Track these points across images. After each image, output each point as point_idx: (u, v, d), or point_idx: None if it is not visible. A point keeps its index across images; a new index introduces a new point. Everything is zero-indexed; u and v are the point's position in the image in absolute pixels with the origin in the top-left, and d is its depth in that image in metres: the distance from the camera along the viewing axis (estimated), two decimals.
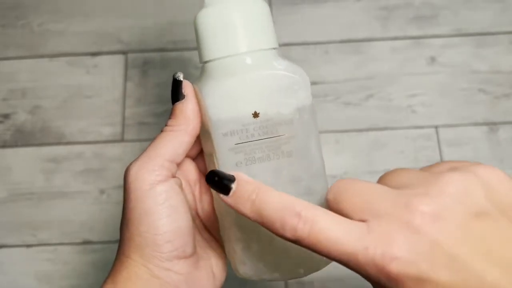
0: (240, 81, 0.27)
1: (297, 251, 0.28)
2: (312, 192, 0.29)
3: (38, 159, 0.54)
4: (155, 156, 0.28)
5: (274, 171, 0.28)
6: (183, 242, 0.27)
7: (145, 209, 0.27)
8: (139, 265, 0.27)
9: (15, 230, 0.52)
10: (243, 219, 0.28)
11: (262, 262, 0.29)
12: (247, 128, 0.28)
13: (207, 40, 0.28)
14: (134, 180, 0.27)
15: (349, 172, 0.52)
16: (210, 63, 0.28)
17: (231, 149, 0.28)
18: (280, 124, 0.28)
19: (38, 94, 0.56)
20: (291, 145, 0.28)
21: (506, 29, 0.55)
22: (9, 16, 0.58)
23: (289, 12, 0.57)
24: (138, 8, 0.58)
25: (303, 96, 0.28)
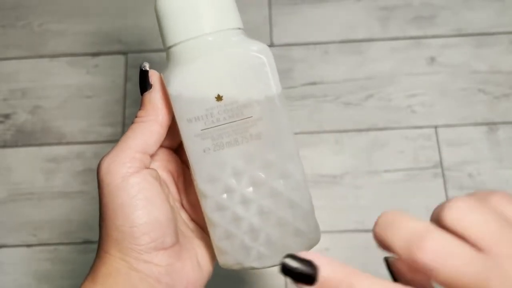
0: (201, 64, 0.26)
1: (279, 236, 0.28)
2: (285, 176, 0.27)
3: (38, 159, 0.54)
4: (126, 148, 0.27)
5: (244, 156, 0.27)
6: (161, 233, 0.27)
7: (119, 203, 0.26)
8: (118, 260, 0.26)
9: (15, 230, 0.52)
10: (220, 203, 0.27)
11: (242, 250, 0.28)
12: (211, 113, 0.26)
13: (168, 24, 0.27)
14: (105, 174, 0.27)
15: (349, 172, 0.52)
16: (173, 48, 0.27)
17: (197, 135, 0.27)
18: (245, 106, 0.26)
19: (38, 94, 0.56)
20: (259, 127, 0.27)
21: (506, 29, 0.55)
22: (9, 17, 0.58)
23: (289, 12, 0.57)
24: (138, 8, 0.58)
25: (268, 76, 0.26)
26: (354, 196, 0.51)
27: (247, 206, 0.28)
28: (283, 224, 0.28)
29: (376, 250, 0.29)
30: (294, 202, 0.28)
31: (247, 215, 0.28)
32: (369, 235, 0.55)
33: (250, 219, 0.28)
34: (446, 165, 0.52)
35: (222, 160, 0.27)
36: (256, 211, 0.28)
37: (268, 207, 0.28)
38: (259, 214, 0.28)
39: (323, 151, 0.53)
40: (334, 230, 0.50)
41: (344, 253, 0.49)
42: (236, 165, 0.27)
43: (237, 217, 0.28)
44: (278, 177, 0.27)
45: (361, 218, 0.50)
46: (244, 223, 0.28)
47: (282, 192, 0.27)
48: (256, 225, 0.28)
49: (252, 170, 0.27)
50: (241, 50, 0.27)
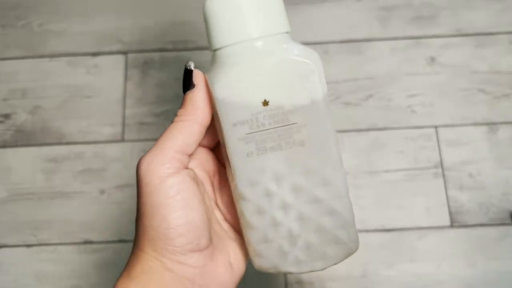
0: (248, 68, 0.26)
1: (318, 243, 0.28)
2: (327, 183, 0.27)
3: (38, 159, 0.54)
4: (165, 148, 0.27)
5: (287, 161, 0.27)
6: (197, 235, 0.27)
7: (156, 203, 0.26)
8: (153, 259, 0.26)
9: (15, 230, 0.52)
10: (259, 207, 0.28)
11: (279, 255, 0.28)
12: (257, 117, 0.27)
13: (216, 27, 0.27)
14: (145, 174, 0.27)
15: (349, 172, 0.52)
16: (219, 51, 0.27)
17: (241, 139, 0.27)
18: (291, 112, 0.27)
19: (38, 94, 0.56)
20: (303, 133, 0.27)
21: (506, 29, 0.55)
22: (9, 16, 0.58)
23: (289, 12, 0.56)
24: (138, 8, 0.58)
25: (316, 83, 0.27)
26: (354, 196, 0.51)
27: (286, 211, 0.28)
28: (322, 231, 0.28)
29: (376, 250, 0.29)
30: (334, 210, 0.28)
31: (286, 220, 0.28)
32: (370, 235, 0.55)
33: (289, 224, 0.28)
34: (446, 165, 0.52)
35: (264, 165, 0.27)
36: (295, 217, 0.28)
37: (308, 213, 0.28)
38: (298, 220, 0.28)
39: None
40: None
41: None
42: (278, 170, 0.27)
43: (276, 221, 0.28)
44: (319, 184, 0.27)
45: (362, 218, 0.50)
46: (283, 228, 0.28)
47: (323, 199, 0.28)
48: (294, 230, 0.28)
49: (294, 176, 0.27)
50: (289, 56, 0.27)
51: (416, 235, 0.50)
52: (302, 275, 0.50)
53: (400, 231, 0.50)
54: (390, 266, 0.49)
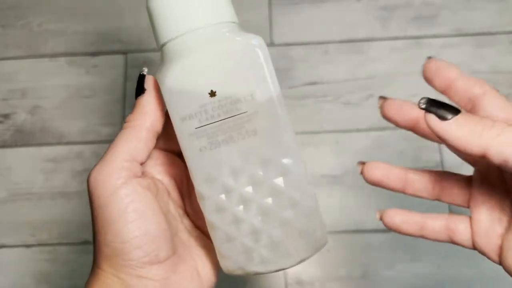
0: (191, 59, 0.25)
1: (283, 238, 0.27)
2: (285, 172, 0.26)
3: (38, 159, 0.54)
4: (112, 158, 0.26)
5: (241, 153, 0.26)
6: (154, 246, 0.25)
7: (108, 218, 0.25)
8: (111, 276, 0.25)
9: (15, 230, 0.52)
10: (219, 205, 0.26)
11: (244, 254, 0.27)
12: (205, 109, 0.25)
13: (159, 22, 0.26)
14: (94, 187, 0.26)
15: (349, 172, 0.51)
16: (165, 46, 0.26)
17: (192, 134, 0.26)
18: (239, 100, 0.25)
19: (38, 94, 0.56)
20: (254, 122, 0.25)
21: (506, 29, 0.55)
22: (9, 16, 0.58)
23: (289, 12, 0.57)
24: (138, 7, 0.58)
25: (263, 68, 0.25)
26: (354, 196, 0.51)
27: (247, 207, 0.26)
28: (285, 225, 0.27)
29: (377, 251, 0.29)
30: (296, 201, 0.26)
31: (247, 216, 0.26)
32: (370, 235, 0.55)
33: (250, 220, 0.26)
34: (447, 165, 0.51)
35: (218, 159, 0.26)
36: (256, 212, 0.26)
37: (269, 207, 0.26)
38: (259, 215, 0.26)
39: (323, 151, 0.53)
40: (335, 231, 0.50)
41: (345, 254, 0.49)
42: (233, 163, 0.26)
43: (237, 218, 0.26)
44: (277, 174, 0.26)
45: (362, 218, 0.50)
46: (245, 224, 0.26)
47: (283, 190, 0.26)
48: (257, 226, 0.26)
49: (250, 168, 0.26)
50: (232, 42, 0.25)
51: None
52: (302, 275, 0.49)
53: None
54: (390, 267, 0.49)
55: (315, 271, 0.50)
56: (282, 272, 0.50)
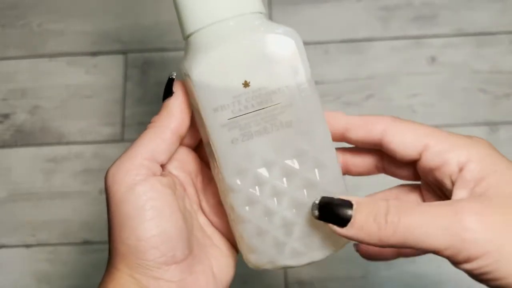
0: (224, 50, 0.25)
1: (315, 230, 0.26)
2: (320, 165, 0.26)
3: (38, 159, 0.54)
4: (134, 155, 0.25)
5: (275, 145, 0.25)
6: (171, 246, 0.25)
7: (124, 214, 0.24)
8: (126, 276, 0.25)
9: (15, 230, 0.52)
10: (250, 197, 0.26)
11: (275, 247, 0.26)
12: (238, 100, 0.25)
13: (186, 12, 0.25)
14: (112, 183, 0.25)
15: None
16: (192, 37, 0.26)
17: (223, 125, 0.25)
18: (273, 92, 0.25)
19: (38, 94, 0.56)
20: (289, 114, 0.25)
21: (506, 29, 0.55)
22: (8, 16, 0.58)
23: (289, 12, 0.57)
24: (138, 8, 0.58)
25: (297, 60, 0.25)
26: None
27: (279, 199, 0.26)
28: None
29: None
30: (330, 193, 0.25)
31: (279, 209, 0.26)
32: None
33: (283, 212, 0.26)
34: None
35: (251, 151, 0.25)
36: (289, 204, 0.26)
37: (302, 199, 0.26)
38: (292, 208, 0.26)
39: None
40: None
41: (345, 254, 0.49)
42: (267, 155, 0.25)
43: (269, 211, 0.26)
44: (311, 167, 0.26)
45: None
46: (277, 217, 0.26)
47: (317, 183, 0.26)
48: (289, 219, 0.26)
49: (284, 160, 0.25)
50: (267, 33, 0.25)
51: None
52: (302, 275, 0.49)
53: None
54: (390, 267, 0.49)
55: (315, 271, 0.49)
56: (282, 272, 0.50)
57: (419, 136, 0.25)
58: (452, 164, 0.24)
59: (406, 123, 0.26)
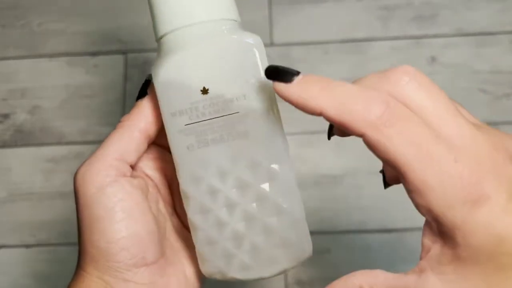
0: (188, 54, 0.24)
1: (265, 245, 0.25)
2: (273, 178, 0.25)
3: (38, 159, 0.54)
4: (103, 155, 0.25)
5: (230, 154, 0.25)
6: (142, 248, 0.25)
7: (94, 216, 0.24)
8: (96, 279, 0.24)
9: (14, 230, 0.52)
10: (203, 205, 0.25)
11: (224, 258, 0.26)
12: (196, 107, 0.25)
13: (158, 14, 0.25)
14: (80, 184, 0.25)
15: (350, 172, 0.51)
16: (162, 39, 0.25)
17: (180, 130, 0.25)
18: (231, 100, 0.24)
19: (38, 94, 0.56)
20: (246, 124, 0.25)
21: (506, 29, 0.55)
22: (8, 16, 0.58)
23: (289, 12, 0.57)
24: (138, 7, 0.58)
25: (258, 69, 0.24)
26: (355, 197, 0.51)
27: (231, 210, 0.25)
28: (269, 232, 0.25)
29: (377, 251, 0.29)
30: (282, 208, 0.25)
31: (231, 220, 0.25)
32: (371, 235, 0.55)
33: (234, 224, 0.25)
34: None
35: (206, 158, 0.25)
36: (240, 216, 0.25)
37: (253, 212, 0.25)
38: (243, 220, 0.25)
39: (324, 152, 0.53)
40: (335, 231, 0.50)
41: (345, 254, 0.49)
42: (221, 164, 0.25)
43: (220, 221, 0.25)
44: (264, 179, 0.25)
45: (362, 219, 0.50)
46: (227, 228, 0.25)
47: (268, 197, 0.25)
48: (240, 231, 0.25)
49: (238, 171, 0.25)
50: (229, 40, 0.25)
51: (417, 236, 0.50)
52: (302, 275, 0.49)
53: (401, 232, 0.50)
54: (391, 267, 0.49)
55: (315, 271, 0.49)
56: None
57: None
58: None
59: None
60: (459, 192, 0.19)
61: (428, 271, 0.21)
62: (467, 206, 0.19)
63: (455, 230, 0.19)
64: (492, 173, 0.20)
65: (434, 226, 0.21)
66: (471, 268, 0.20)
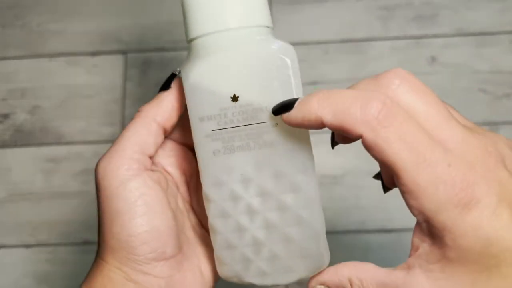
0: (220, 59, 0.24)
1: (283, 254, 0.26)
2: (296, 190, 0.25)
3: (38, 159, 0.54)
4: (122, 148, 0.25)
5: (255, 163, 0.25)
6: (162, 243, 0.25)
7: (116, 209, 0.25)
8: (115, 269, 0.25)
9: (14, 231, 0.52)
10: (224, 210, 0.26)
11: (242, 263, 0.26)
12: (225, 113, 0.25)
13: (193, 16, 0.25)
14: (102, 178, 0.25)
15: (350, 172, 0.51)
16: (195, 41, 0.25)
17: (207, 135, 0.25)
18: (261, 109, 0.24)
19: (38, 94, 0.56)
20: (273, 134, 0.25)
21: (506, 29, 0.55)
22: (8, 16, 0.58)
23: (289, 12, 0.57)
24: (138, 7, 0.58)
25: (290, 80, 0.25)
26: (355, 197, 0.51)
27: (252, 217, 0.26)
28: (288, 242, 0.26)
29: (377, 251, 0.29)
30: (303, 220, 0.26)
31: (251, 227, 0.26)
32: (371, 235, 0.55)
33: (253, 231, 0.26)
34: None
35: (231, 164, 0.25)
36: (261, 224, 0.26)
37: (274, 221, 0.26)
38: (264, 228, 0.26)
39: (324, 151, 0.53)
40: (335, 231, 0.50)
41: (345, 254, 0.49)
42: (245, 171, 0.25)
43: (240, 227, 0.26)
44: (287, 190, 0.25)
45: (362, 219, 0.50)
46: (247, 234, 0.26)
47: (290, 207, 0.25)
48: (259, 238, 0.26)
49: (261, 179, 0.25)
50: (263, 49, 0.25)
51: None
52: None
53: (400, 232, 0.50)
54: (390, 267, 0.49)
55: None
56: None
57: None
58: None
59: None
60: (451, 196, 0.20)
61: (416, 268, 0.22)
62: (458, 209, 0.20)
63: (445, 232, 0.20)
64: (484, 177, 0.20)
65: (424, 227, 0.22)
66: (458, 268, 0.21)
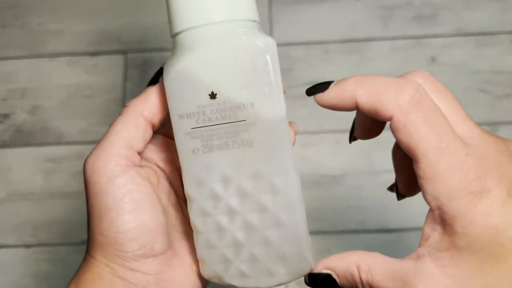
0: (197, 56, 0.24)
1: (263, 257, 0.25)
2: (274, 191, 0.25)
3: (38, 159, 0.54)
4: (111, 144, 0.25)
5: (234, 162, 0.24)
6: (150, 239, 0.25)
7: (104, 206, 0.25)
8: (103, 266, 0.25)
9: (14, 230, 0.52)
10: (204, 209, 0.25)
11: (222, 263, 0.26)
12: (203, 111, 0.24)
13: (174, 11, 0.24)
14: (91, 174, 0.25)
15: (349, 172, 0.51)
16: (178, 37, 0.25)
17: (187, 133, 0.25)
18: (238, 107, 0.24)
19: (38, 94, 0.56)
20: (251, 133, 0.24)
21: (506, 29, 0.55)
22: (8, 16, 0.58)
23: (289, 12, 0.57)
24: (138, 7, 0.58)
25: (269, 77, 0.24)
26: (355, 197, 0.51)
27: (232, 217, 0.25)
28: (267, 244, 0.25)
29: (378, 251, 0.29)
30: (282, 222, 0.25)
31: (230, 227, 0.25)
32: (371, 235, 0.55)
33: (233, 231, 0.25)
34: None
35: (210, 163, 0.25)
36: (240, 225, 0.25)
37: (254, 223, 0.25)
38: (243, 229, 0.25)
39: (324, 151, 0.53)
40: (335, 231, 0.50)
41: None
42: (224, 171, 0.25)
43: (220, 227, 0.25)
44: (266, 192, 0.25)
45: (362, 219, 0.50)
46: (227, 235, 0.25)
47: (269, 209, 0.25)
48: (239, 239, 0.25)
49: (240, 179, 0.25)
50: (241, 42, 0.24)
51: (416, 236, 0.50)
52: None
53: (400, 232, 0.50)
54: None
55: None
56: None
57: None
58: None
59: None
60: (465, 184, 0.21)
61: (426, 256, 0.23)
62: (470, 197, 0.21)
63: (456, 219, 0.22)
64: (496, 170, 0.22)
65: (436, 214, 0.23)
66: (466, 256, 0.22)
